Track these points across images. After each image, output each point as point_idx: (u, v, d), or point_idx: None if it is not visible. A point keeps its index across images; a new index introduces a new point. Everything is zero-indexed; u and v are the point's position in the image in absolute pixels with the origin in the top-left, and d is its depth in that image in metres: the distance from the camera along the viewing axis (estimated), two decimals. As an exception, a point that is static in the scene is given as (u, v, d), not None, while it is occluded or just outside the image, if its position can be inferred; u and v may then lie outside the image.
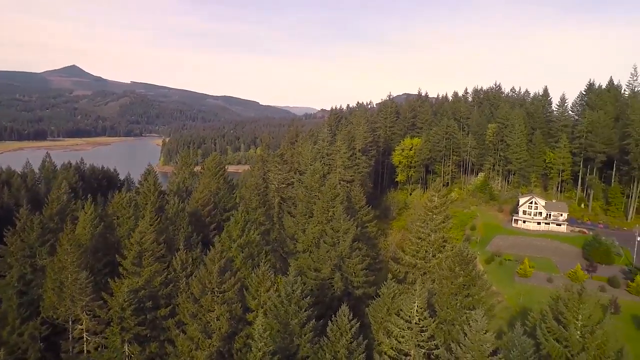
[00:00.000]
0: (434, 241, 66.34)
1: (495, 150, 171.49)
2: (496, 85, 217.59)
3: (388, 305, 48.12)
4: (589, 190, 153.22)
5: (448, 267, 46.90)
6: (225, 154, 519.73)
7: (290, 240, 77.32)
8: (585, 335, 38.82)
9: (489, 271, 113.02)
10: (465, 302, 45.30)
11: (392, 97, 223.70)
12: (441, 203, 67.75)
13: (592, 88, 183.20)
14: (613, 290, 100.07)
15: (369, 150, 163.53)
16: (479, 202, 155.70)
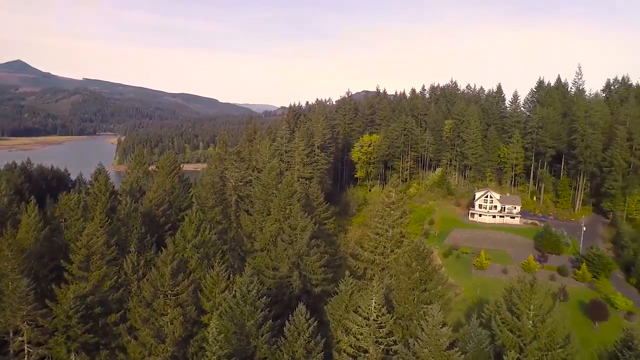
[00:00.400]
0: (392, 237, 66.60)
1: (452, 145, 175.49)
2: (452, 82, 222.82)
3: (346, 303, 47.69)
4: (540, 183, 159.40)
5: (405, 262, 46.97)
6: (184, 152, 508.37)
7: (247, 239, 75.72)
8: (536, 325, 39.77)
9: (447, 264, 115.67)
10: (422, 297, 45.50)
11: (352, 95, 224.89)
12: (398, 199, 68.08)
13: (542, 86, 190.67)
14: (562, 279, 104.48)
15: (328, 147, 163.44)
16: (436, 197, 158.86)
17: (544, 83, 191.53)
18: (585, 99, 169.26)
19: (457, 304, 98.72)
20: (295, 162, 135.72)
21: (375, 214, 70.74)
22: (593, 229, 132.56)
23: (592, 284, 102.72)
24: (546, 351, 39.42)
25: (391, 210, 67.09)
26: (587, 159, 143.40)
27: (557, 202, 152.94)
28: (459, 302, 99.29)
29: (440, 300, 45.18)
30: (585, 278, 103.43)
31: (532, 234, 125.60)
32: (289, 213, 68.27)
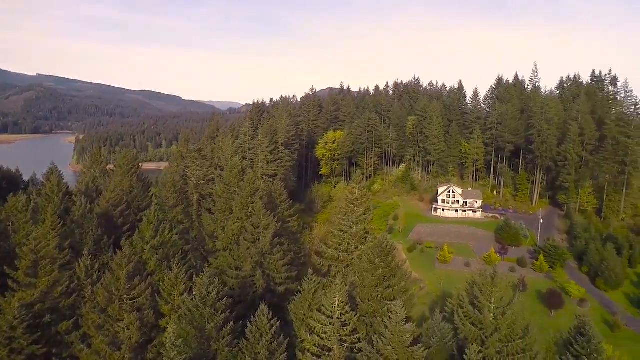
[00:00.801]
0: (356, 233, 66.36)
1: (415, 141, 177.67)
2: (415, 79, 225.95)
3: (310, 301, 46.95)
4: (500, 178, 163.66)
5: (368, 259, 46.65)
6: (146, 150, 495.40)
7: (209, 238, 73.78)
8: (497, 317, 40.28)
9: (411, 259, 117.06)
10: (385, 294, 45.29)
11: (316, 92, 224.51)
12: (362, 195, 67.88)
13: (501, 83, 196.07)
14: (521, 270, 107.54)
15: (292, 144, 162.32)
16: (400, 192, 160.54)
17: (502, 80, 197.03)
18: (541, 96, 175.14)
19: (422, 297, 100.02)
20: (259, 159, 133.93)
21: (338, 210, 70.35)
22: (549, 221, 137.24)
23: (549, 273, 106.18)
24: (506, 342, 40.01)
25: (355, 206, 66.81)
26: (544, 153, 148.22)
27: (516, 196, 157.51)
28: (424, 295, 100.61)
29: (403, 296, 45.16)
30: (542, 268, 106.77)
31: (493, 227, 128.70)
32: (251, 211, 66.87)
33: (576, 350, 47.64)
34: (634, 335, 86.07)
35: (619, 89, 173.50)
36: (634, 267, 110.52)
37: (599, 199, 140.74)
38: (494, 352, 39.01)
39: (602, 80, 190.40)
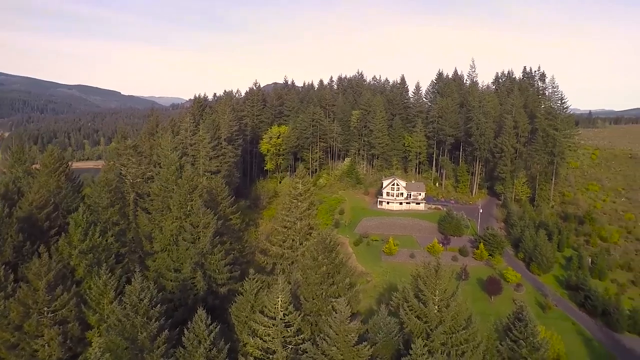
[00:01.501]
0: (300, 229, 64.80)
1: (360, 135, 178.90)
2: (359, 73, 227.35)
3: (252, 302, 44.86)
4: (442, 170, 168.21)
5: (311, 256, 45.17)
6: (83, 148, 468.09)
7: (146, 239, 69.50)
8: (441, 309, 40.25)
9: (357, 252, 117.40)
10: (330, 291, 44.09)
11: (262, 87, 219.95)
12: (305, 190, 66.35)
13: (441, 77, 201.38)
14: (463, 259, 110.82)
15: (236, 140, 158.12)
16: (346, 186, 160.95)
17: (443, 75, 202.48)
18: (478, 91, 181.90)
19: (369, 290, 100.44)
20: (201, 155, 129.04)
21: (282, 206, 68.45)
22: (488, 211, 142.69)
23: (489, 261, 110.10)
24: (450, 334, 40.09)
25: (298, 202, 65.19)
26: (482, 145, 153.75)
27: (457, 187, 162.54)
28: (370, 288, 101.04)
29: (348, 292, 44.17)
30: (482, 256, 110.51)
31: (436, 218, 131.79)
32: (190, 210, 63.47)
33: (515, 335, 48.90)
34: (562, 314, 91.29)
35: (547, 84, 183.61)
36: (562, 250, 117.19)
37: (532, 188, 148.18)
38: (439, 344, 38.89)
39: (533, 76, 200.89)
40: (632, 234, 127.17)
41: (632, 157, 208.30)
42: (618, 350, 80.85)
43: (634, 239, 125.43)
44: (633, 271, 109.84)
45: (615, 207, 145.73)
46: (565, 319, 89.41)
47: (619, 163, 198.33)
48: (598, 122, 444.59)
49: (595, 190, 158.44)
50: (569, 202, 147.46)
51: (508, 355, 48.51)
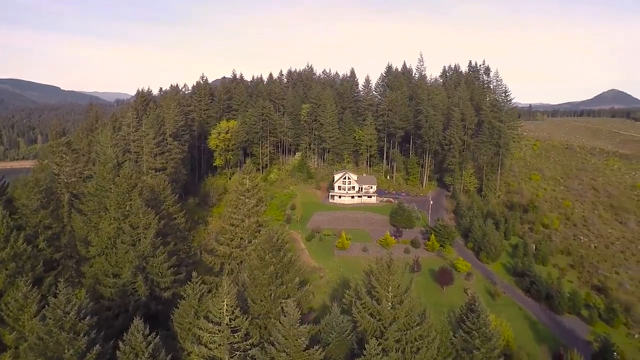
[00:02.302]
0: (248, 227, 61.92)
1: (310, 129, 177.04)
2: (308, 66, 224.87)
3: (195, 308, 41.76)
4: (393, 163, 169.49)
5: (258, 255, 42.61)
6: (17, 147, 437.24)
7: (81, 243, 64.18)
8: (395, 306, 38.98)
9: (310, 248, 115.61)
10: (279, 292, 41.77)
11: (207, 80, 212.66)
12: (253, 186, 63.44)
13: (390, 71, 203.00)
14: (415, 251, 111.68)
15: (182, 135, 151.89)
16: (297, 181, 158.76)
17: (392, 68, 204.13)
18: (427, 84, 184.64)
19: (322, 286, 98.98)
20: (144, 152, 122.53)
21: (229, 203, 65.15)
22: (438, 202, 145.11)
23: (440, 252, 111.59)
24: (405, 331, 38.93)
25: (246, 198, 62.23)
26: (431, 138, 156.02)
27: (407, 180, 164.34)
28: (324, 284, 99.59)
29: (298, 292, 42.02)
30: (434, 247, 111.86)
31: (388, 211, 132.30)
32: (129, 210, 58.97)
33: (468, 327, 48.70)
34: (510, 300, 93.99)
35: (492, 78, 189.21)
36: (508, 239, 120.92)
37: (479, 179, 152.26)
38: (393, 342, 37.60)
39: (478, 70, 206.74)
40: (570, 220, 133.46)
41: (568, 148, 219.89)
42: (560, 331, 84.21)
43: (571, 224, 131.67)
44: (572, 255, 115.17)
45: (555, 195, 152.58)
46: (513, 305, 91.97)
47: (557, 153, 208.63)
48: (537, 115, 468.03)
49: (537, 180, 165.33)
50: (514, 191, 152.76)
51: (461, 347, 48.25)
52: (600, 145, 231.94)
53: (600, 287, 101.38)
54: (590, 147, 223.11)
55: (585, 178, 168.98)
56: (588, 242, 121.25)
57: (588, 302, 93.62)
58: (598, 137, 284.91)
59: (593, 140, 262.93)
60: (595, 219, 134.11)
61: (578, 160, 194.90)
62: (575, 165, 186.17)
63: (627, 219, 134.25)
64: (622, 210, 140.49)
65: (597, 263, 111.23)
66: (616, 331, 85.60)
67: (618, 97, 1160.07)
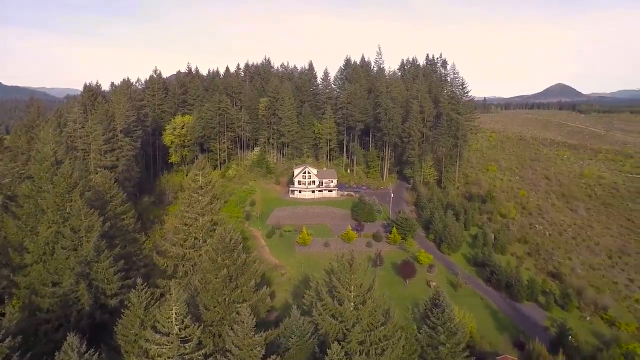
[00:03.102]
0: (202, 225, 58.27)
1: (269, 124, 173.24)
2: (266, 59, 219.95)
3: (141, 317, 38.14)
4: (353, 156, 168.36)
5: (209, 257, 39.37)
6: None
7: (15, 250, 58.43)
8: (357, 307, 36.89)
9: (270, 244, 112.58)
10: (234, 296, 38.80)
11: (161, 74, 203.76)
12: (206, 182, 59.77)
13: (349, 64, 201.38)
14: (377, 244, 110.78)
15: (134, 131, 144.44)
16: (256, 177, 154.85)
17: (350, 61, 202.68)
18: (385, 77, 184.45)
19: (283, 284, 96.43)
20: (92, 149, 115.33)
21: (182, 201, 61.19)
22: (399, 195, 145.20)
23: (402, 244, 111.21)
24: (368, 332, 36.95)
25: (199, 195, 58.53)
26: (390, 131, 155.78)
27: (368, 173, 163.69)
28: (285, 282, 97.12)
29: (254, 296, 39.21)
30: (396, 240, 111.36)
31: (349, 205, 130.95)
32: (69, 212, 54.05)
33: (432, 322, 47.42)
34: (471, 290, 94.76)
35: (449, 71, 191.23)
36: (468, 229, 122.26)
37: (438, 171, 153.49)
38: (356, 344, 35.51)
39: (435, 63, 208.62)
40: (526, 209, 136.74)
41: (522, 139, 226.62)
42: (519, 319, 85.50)
43: (527, 213, 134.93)
44: (528, 243, 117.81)
45: (511, 185, 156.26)
46: (474, 295, 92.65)
47: (512, 144, 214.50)
48: (492, 108, 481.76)
49: (494, 171, 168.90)
50: (472, 182, 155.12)
51: (427, 343, 46.95)
52: (550, 137, 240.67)
53: (555, 273, 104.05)
54: (542, 138, 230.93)
55: (539, 168, 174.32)
56: (543, 230, 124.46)
57: (544, 289, 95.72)
58: (548, 128, 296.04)
59: (544, 131, 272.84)
60: (549, 207, 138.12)
61: (531, 151, 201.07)
62: (529, 156, 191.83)
63: (577, 206, 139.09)
64: (572, 198, 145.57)
65: (552, 250, 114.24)
66: (571, 315, 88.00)
67: (564, 91, 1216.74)
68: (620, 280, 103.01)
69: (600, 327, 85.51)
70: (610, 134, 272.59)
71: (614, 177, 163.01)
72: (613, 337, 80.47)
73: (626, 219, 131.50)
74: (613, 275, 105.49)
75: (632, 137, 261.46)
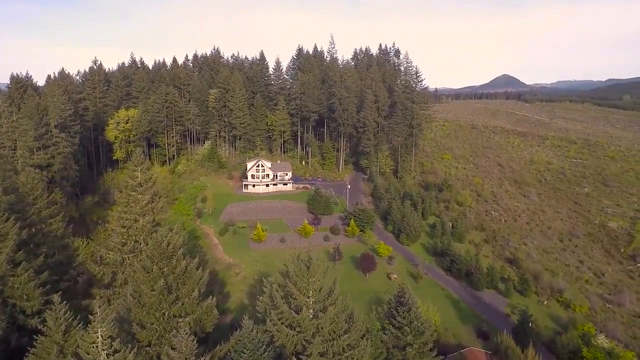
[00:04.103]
0: (143, 227, 52.13)
1: (220, 116, 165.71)
2: (215, 49, 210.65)
3: (59, 343, 32.19)
4: (308, 148, 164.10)
5: (143, 267, 33.89)
6: None
7: None
8: (317, 314, 32.74)
9: (224, 243, 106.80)
10: (173, 310, 33.56)
11: (102, 65, 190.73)
12: (146, 178, 53.56)
13: (301, 53, 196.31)
14: (335, 238, 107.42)
15: (72, 126, 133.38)
16: (208, 172, 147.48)
17: (303, 51, 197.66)
18: (339, 66, 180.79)
19: (238, 284, 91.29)
20: (20, 146, 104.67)
21: (119, 201, 54.60)
22: (356, 186, 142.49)
23: (360, 237, 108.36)
24: (330, 342, 32.91)
25: (138, 194, 52.31)
26: (345, 121, 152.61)
27: (324, 165, 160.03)
28: (240, 281, 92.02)
29: (198, 308, 34.16)
30: (354, 233, 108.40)
31: (305, 198, 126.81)
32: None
33: (398, 322, 44.18)
34: (432, 281, 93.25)
35: (402, 60, 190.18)
36: (426, 219, 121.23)
37: (394, 161, 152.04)
38: (317, 356, 31.39)
39: (388, 53, 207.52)
40: (481, 197, 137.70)
41: (474, 128, 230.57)
42: (481, 307, 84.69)
43: (483, 201, 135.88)
44: (485, 231, 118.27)
45: (466, 172, 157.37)
46: (435, 286, 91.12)
47: (464, 133, 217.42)
48: (443, 98, 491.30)
49: (449, 159, 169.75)
50: (428, 171, 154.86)
51: (393, 344, 43.66)
52: (500, 125, 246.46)
53: (512, 259, 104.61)
54: (493, 126, 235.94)
55: (491, 155, 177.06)
56: (499, 216, 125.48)
57: (503, 276, 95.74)
58: (497, 117, 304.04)
59: (493, 120, 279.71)
60: (503, 194, 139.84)
61: (483, 139, 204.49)
62: (481, 144, 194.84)
63: (529, 192, 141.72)
64: (524, 184, 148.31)
65: (508, 236, 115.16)
66: (529, 300, 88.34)
67: (509, 81, 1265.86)
68: (572, 263, 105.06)
69: (556, 311, 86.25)
70: (553, 121, 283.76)
71: (561, 163, 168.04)
72: (569, 319, 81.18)
73: (574, 202, 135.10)
74: (565, 258, 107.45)
75: (573, 125, 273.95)
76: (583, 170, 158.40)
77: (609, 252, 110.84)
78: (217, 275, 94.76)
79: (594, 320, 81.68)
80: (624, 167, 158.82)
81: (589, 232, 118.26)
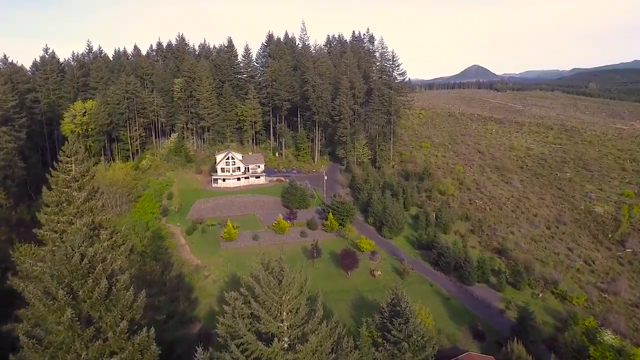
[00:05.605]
0: (79, 231, 42.85)
1: (186, 107, 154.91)
2: (180, 36, 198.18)
3: None
4: (281, 138, 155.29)
5: (44, 291, 24.62)
6: None
7: None
8: (294, 346, 24.58)
9: (191, 242, 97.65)
10: (92, 350, 24.23)
11: (54, 53, 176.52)
12: (82, 172, 44.08)
13: (271, 40, 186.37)
14: (312, 233, 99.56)
15: (16, 120, 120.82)
16: (175, 166, 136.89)
17: (273, 37, 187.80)
18: (311, 52, 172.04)
19: (207, 288, 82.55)
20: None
21: (48, 201, 44.80)
22: (333, 177, 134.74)
23: (340, 231, 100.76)
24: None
25: (72, 191, 42.93)
26: (320, 109, 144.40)
27: (298, 156, 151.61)
28: (209, 285, 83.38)
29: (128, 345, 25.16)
30: (333, 227, 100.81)
31: (279, 192, 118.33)
32: None
33: (395, 337, 36.39)
34: (420, 277, 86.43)
35: (377, 46, 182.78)
36: (408, 210, 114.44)
37: (372, 150, 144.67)
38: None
39: (362, 39, 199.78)
40: (463, 185, 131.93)
41: (451, 115, 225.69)
42: (473, 303, 78.40)
43: (465, 189, 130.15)
44: (470, 220, 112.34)
45: (446, 160, 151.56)
46: (423, 282, 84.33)
47: (441, 121, 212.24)
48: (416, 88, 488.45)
49: (427, 147, 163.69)
50: (407, 160, 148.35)
51: (387, 363, 35.86)
52: (477, 112, 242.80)
53: (500, 249, 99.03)
54: (469, 113, 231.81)
55: (470, 142, 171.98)
56: (483, 205, 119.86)
57: (494, 268, 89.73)
58: (471, 105, 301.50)
59: (468, 108, 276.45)
60: (486, 181, 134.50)
61: (461, 126, 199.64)
62: (459, 131, 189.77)
63: (511, 178, 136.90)
64: (505, 170, 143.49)
65: (494, 225, 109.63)
66: (523, 293, 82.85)
67: (480, 72, 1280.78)
68: (561, 251, 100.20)
69: (553, 304, 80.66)
70: (527, 109, 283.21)
71: (541, 148, 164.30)
72: (568, 313, 75.59)
73: (557, 188, 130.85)
74: (554, 246, 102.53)
75: (545, 111, 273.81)
76: (563, 155, 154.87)
77: (596, 238, 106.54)
78: (183, 279, 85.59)
79: (593, 312, 76.33)
80: (602, 152, 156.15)
81: (575, 219, 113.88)
